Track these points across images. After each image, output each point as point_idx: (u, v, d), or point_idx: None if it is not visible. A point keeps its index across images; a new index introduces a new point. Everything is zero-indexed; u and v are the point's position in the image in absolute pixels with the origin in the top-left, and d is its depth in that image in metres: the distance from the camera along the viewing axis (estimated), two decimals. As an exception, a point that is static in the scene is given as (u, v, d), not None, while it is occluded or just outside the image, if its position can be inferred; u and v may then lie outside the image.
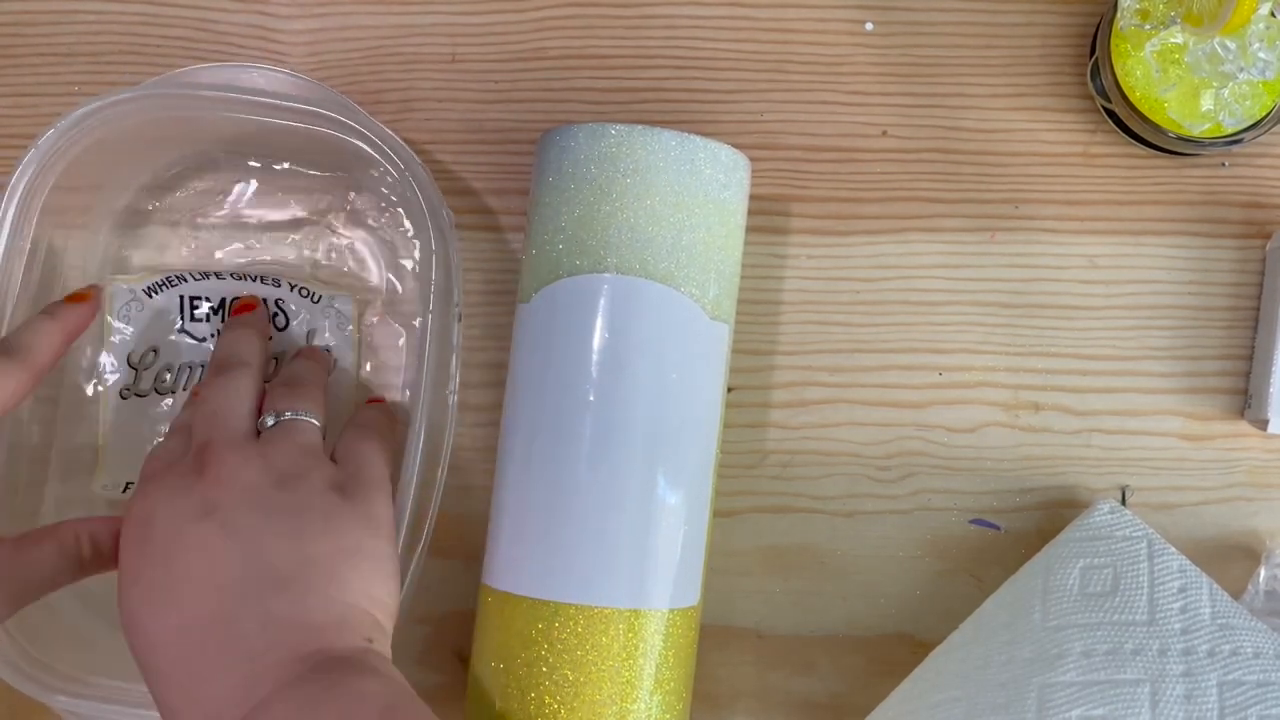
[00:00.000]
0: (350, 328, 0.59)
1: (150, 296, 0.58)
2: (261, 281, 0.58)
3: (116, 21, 0.60)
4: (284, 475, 0.49)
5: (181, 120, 0.56)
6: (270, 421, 0.51)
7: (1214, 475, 0.58)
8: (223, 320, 0.58)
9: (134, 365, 0.58)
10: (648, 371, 0.50)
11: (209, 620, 0.45)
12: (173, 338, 0.58)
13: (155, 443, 0.56)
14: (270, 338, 0.58)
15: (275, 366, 0.58)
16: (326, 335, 0.59)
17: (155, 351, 0.58)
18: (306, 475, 0.49)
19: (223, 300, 0.58)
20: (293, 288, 0.58)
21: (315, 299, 0.58)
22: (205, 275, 0.58)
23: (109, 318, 0.58)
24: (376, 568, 0.48)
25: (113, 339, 0.58)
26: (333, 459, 0.52)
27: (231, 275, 0.58)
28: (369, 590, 0.48)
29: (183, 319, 0.58)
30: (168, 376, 0.58)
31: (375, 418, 0.55)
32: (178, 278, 0.58)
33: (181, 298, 0.58)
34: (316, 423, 0.52)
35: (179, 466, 0.49)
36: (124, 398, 0.58)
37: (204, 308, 0.58)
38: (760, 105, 0.59)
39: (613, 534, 0.50)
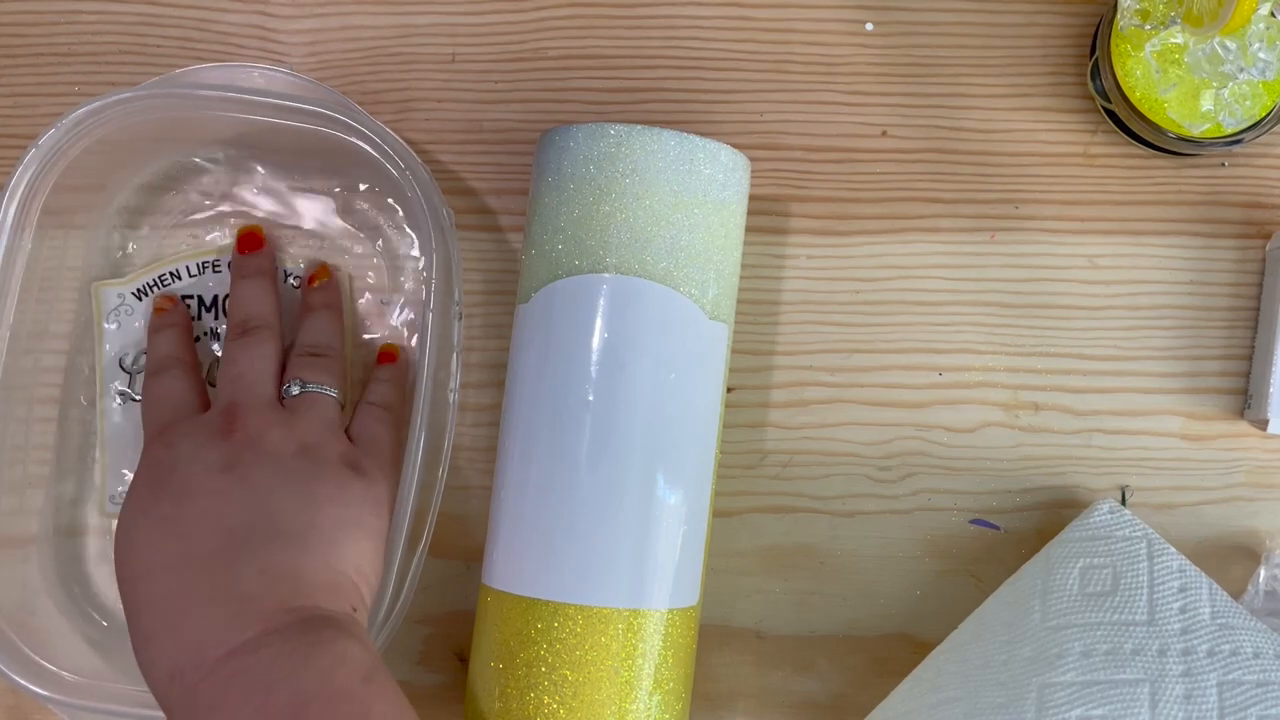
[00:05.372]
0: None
1: (139, 299, 0.58)
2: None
3: (116, 21, 0.60)
4: (304, 446, 0.51)
5: (181, 120, 0.56)
6: (295, 390, 0.54)
7: (1214, 475, 0.58)
8: (220, 311, 0.58)
9: (126, 369, 0.58)
10: (647, 372, 0.50)
11: (209, 556, 0.47)
12: None
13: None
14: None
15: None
16: None
17: (146, 354, 0.58)
18: (325, 448, 0.52)
19: (215, 297, 0.58)
20: (296, 285, 0.58)
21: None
22: (194, 272, 0.58)
23: (101, 322, 0.58)
24: (372, 545, 0.51)
25: (105, 344, 0.58)
26: (348, 432, 0.54)
27: (228, 268, 0.58)
28: (360, 563, 0.50)
29: None
30: None
31: (388, 395, 0.57)
32: (171, 275, 0.58)
33: None
34: (337, 396, 0.54)
35: (206, 422, 0.52)
36: (120, 401, 0.58)
37: (194, 306, 0.58)
38: (760, 105, 0.59)
39: (612, 534, 0.50)
